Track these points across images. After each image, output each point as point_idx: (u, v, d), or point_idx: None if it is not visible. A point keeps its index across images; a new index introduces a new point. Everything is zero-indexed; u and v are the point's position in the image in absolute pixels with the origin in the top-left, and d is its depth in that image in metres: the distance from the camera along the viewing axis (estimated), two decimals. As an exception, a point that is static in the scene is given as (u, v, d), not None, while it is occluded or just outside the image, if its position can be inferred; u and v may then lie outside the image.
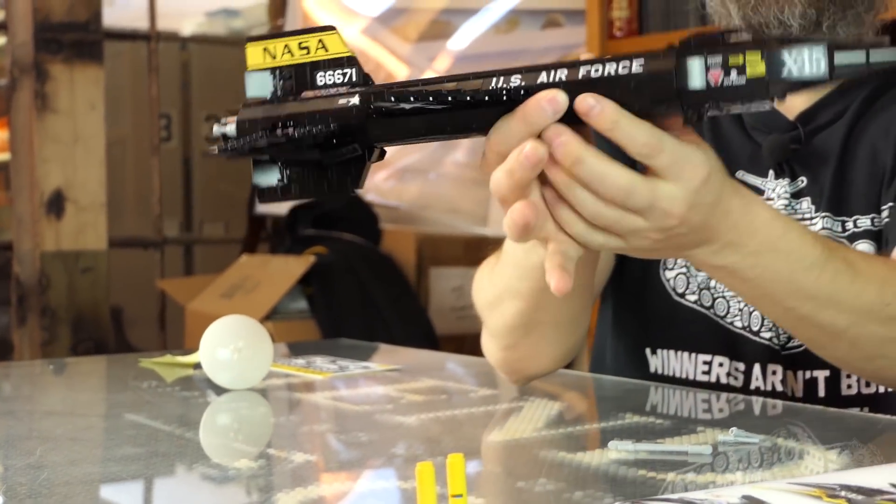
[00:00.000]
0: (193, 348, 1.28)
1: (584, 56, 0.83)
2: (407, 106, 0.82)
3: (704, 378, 1.25)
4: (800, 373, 1.21)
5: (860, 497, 0.69)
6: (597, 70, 0.80)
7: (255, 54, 0.89)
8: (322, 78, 0.89)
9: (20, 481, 0.81)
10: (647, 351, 1.30)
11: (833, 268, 0.97)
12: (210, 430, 1.05)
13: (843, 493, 0.69)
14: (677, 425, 1.00)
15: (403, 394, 1.18)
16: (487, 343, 1.22)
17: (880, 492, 0.70)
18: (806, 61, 0.75)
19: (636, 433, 0.96)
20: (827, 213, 1.22)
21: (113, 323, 3.99)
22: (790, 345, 1.21)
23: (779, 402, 1.16)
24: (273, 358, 1.24)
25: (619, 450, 0.89)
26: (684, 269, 1.26)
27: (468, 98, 0.82)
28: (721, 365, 1.24)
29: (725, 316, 1.24)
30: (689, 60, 0.78)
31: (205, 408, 1.14)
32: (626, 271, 1.32)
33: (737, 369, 1.23)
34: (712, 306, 1.25)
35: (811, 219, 1.22)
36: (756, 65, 0.76)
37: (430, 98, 0.81)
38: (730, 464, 0.85)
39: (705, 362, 1.25)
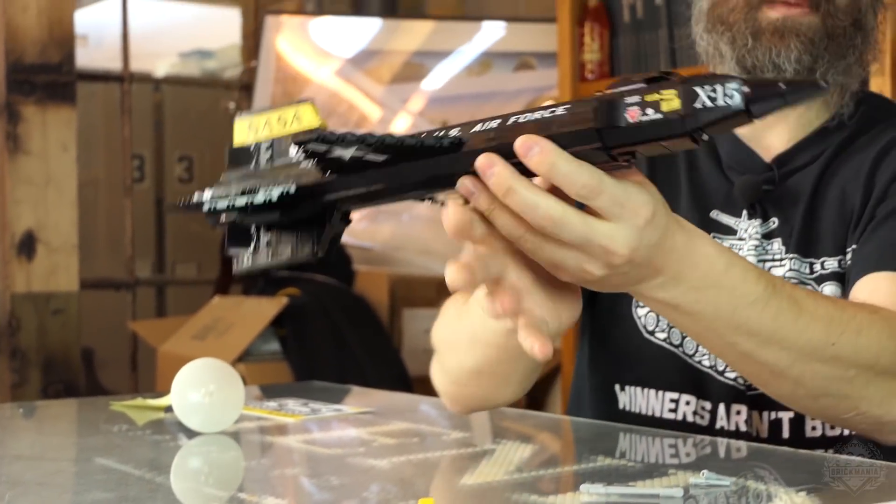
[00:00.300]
0: (165, 391, 1.28)
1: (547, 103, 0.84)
2: (344, 153, 0.82)
3: (671, 416, 1.25)
4: (765, 413, 1.21)
5: None
6: (525, 116, 0.81)
7: (241, 130, 0.91)
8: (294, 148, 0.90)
9: (-12, 527, 0.80)
10: (616, 387, 1.30)
11: (777, 305, 0.96)
12: (181, 473, 1.04)
13: None
14: (648, 468, 1.01)
15: (376, 437, 1.18)
16: (437, 374, 1.22)
17: None
18: (720, 96, 0.77)
19: (608, 476, 0.96)
20: (795, 255, 1.23)
21: (84, 365, 3.96)
22: (755, 385, 1.21)
23: (746, 444, 1.17)
24: (245, 401, 1.23)
25: (591, 493, 0.89)
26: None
27: (404, 146, 0.82)
28: (688, 403, 1.25)
29: (694, 354, 1.24)
30: (609, 101, 0.79)
31: (176, 451, 1.13)
32: (598, 307, 1.32)
33: (703, 408, 1.24)
34: (681, 344, 1.25)
35: (780, 260, 1.23)
36: (671, 101, 0.78)
37: (365, 142, 0.81)
38: (701, 506, 0.86)
39: (672, 400, 1.26)
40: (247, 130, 0.92)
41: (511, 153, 0.80)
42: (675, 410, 1.25)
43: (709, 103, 0.77)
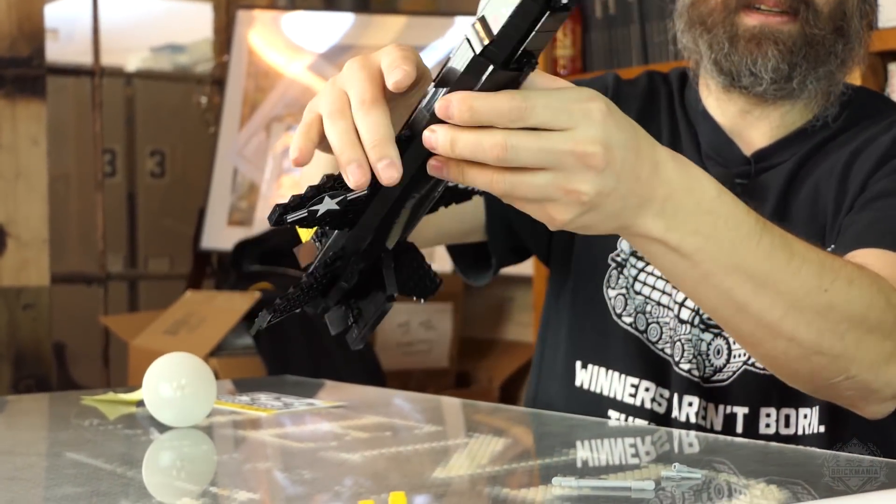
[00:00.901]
0: (137, 385, 1.27)
1: None
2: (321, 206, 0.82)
3: (630, 400, 1.26)
4: (720, 407, 1.21)
5: None
6: (432, 89, 0.81)
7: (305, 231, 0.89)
8: None
9: (-42, 522, 0.80)
10: (578, 364, 1.30)
11: (769, 241, 0.93)
12: (153, 468, 1.04)
13: None
14: (620, 461, 1.01)
15: (349, 430, 1.18)
16: None
17: None
18: None
19: (580, 469, 0.96)
20: None
21: (56, 359, 3.94)
22: (714, 378, 1.21)
23: (717, 438, 1.17)
24: (217, 395, 1.23)
25: (563, 486, 0.89)
26: (624, 291, 1.28)
27: None
28: (647, 390, 1.25)
29: (657, 342, 1.25)
30: (472, 24, 0.78)
31: (148, 445, 1.13)
32: (569, 286, 1.33)
33: (662, 395, 1.24)
34: (646, 331, 1.26)
35: None
36: None
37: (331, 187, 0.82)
38: (673, 499, 0.86)
39: (633, 385, 1.26)
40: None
41: (442, 122, 0.80)
42: (634, 395, 1.26)
43: None
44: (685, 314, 1.23)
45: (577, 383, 1.30)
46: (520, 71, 0.80)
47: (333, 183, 0.82)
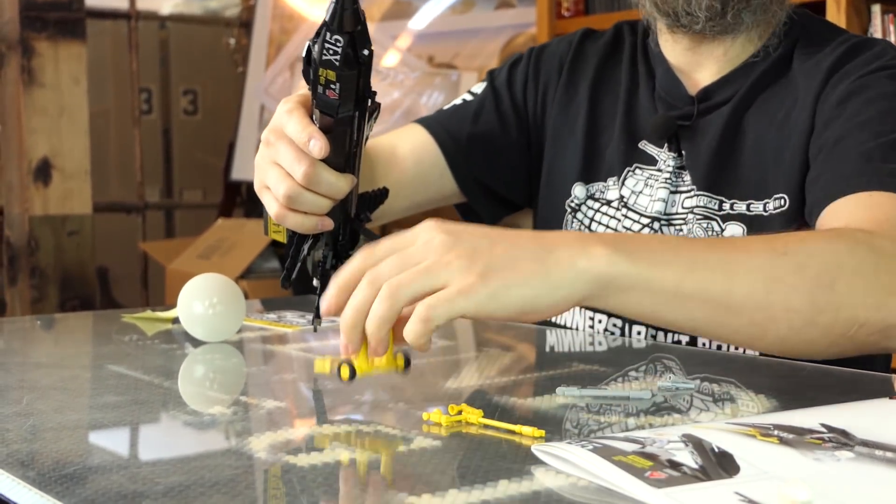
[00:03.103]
0: (173, 305, 1.27)
1: None
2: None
3: (590, 331, 1.26)
4: (669, 335, 1.21)
5: (791, 436, 0.69)
6: None
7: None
8: None
9: (7, 427, 0.80)
10: None
11: (703, 242, 0.87)
12: (187, 379, 1.03)
13: (775, 432, 0.69)
14: (620, 373, 1.00)
15: (368, 345, 1.17)
16: None
17: (811, 431, 0.70)
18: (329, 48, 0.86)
19: (582, 380, 0.96)
20: (703, 192, 1.20)
21: (99, 282, 3.96)
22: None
23: (714, 352, 1.17)
24: (246, 313, 1.22)
25: (566, 395, 0.89)
26: (584, 229, 1.26)
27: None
28: (601, 321, 1.25)
29: None
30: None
31: (182, 359, 1.13)
32: (537, 221, 1.34)
33: (615, 325, 1.24)
34: None
35: (689, 192, 1.21)
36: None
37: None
38: (668, 407, 0.85)
39: (590, 318, 1.26)
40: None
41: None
42: (592, 326, 1.26)
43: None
44: None
45: (551, 319, 1.30)
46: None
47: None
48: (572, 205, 1.29)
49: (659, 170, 1.24)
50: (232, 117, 4.19)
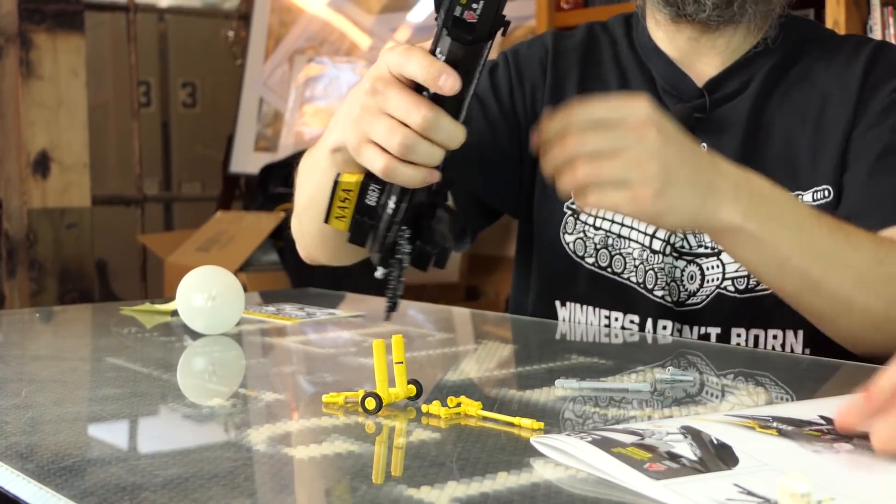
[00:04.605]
0: (172, 297, 1.27)
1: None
2: None
3: (606, 330, 1.26)
4: (694, 328, 1.20)
5: (790, 428, 0.69)
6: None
7: None
8: None
9: (6, 420, 0.80)
10: (557, 303, 1.30)
11: (826, 222, 0.97)
12: (186, 372, 1.03)
13: (774, 424, 0.69)
14: (618, 365, 1.00)
15: (366, 338, 1.18)
16: (294, 228, 1.27)
17: (810, 423, 0.70)
18: None
19: (581, 372, 0.96)
20: None
21: (98, 275, 3.95)
22: (687, 303, 1.20)
23: (712, 345, 1.17)
24: (245, 305, 1.22)
25: (565, 387, 0.89)
26: (581, 234, 1.26)
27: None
28: (617, 319, 1.24)
29: (622, 272, 1.23)
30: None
31: (181, 352, 1.13)
32: (531, 235, 1.32)
33: (632, 322, 1.23)
34: (609, 265, 1.24)
35: None
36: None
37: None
38: (667, 399, 0.86)
39: (605, 316, 1.26)
40: None
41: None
42: (608, 325, 1.25)
43: None
44: (657, 245, 1.21)
45: (561, 319, 1.30)
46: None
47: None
48: (573, 206, 1.28)
49: None
50: (231, 110, 4.19)
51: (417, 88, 0.87)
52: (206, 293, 1.17)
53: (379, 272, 0.94)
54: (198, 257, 3.20)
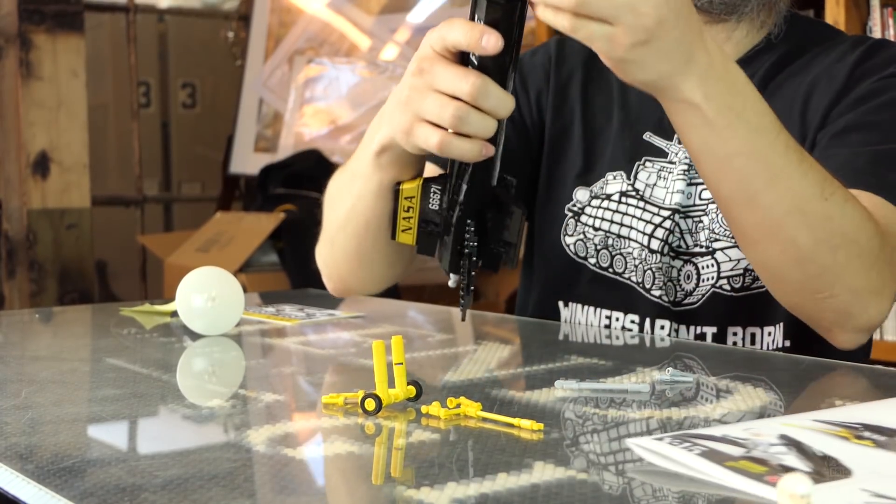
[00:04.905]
0: (172, 298, 1.27)
1: None
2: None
3: (606, 331, 1.26)
4: (691, 328, 1.20)
5: (883, 438, 0.69)
6: None
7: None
8: None
9: (6, 420, 0.80)
10: (560, 303, 1.30)
11: (785, 140, 0.93)
12: (186, 372, 1.03)
13: (866, 434, 0.69)
14: (618, 366, 1.00)
15: (366, 338, 1.17)
16: (322, 253, 1.24)
17: None
18: None
19: (580, 373, 0.96)
20: None
21: (98, 275, 3.95)
22: (684, 302, 1.20)
23: (710, 346, 1.17)
24: (245, 306, 1.22)
25: (565, 388, 0.89)
26: (581, 236, 1.26)
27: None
28: (618, 319, 1.24)
29: (623, 272, 1.24)
30: None
31: (181, 352, 1.13)
32: (533, 236, 1.32)
33: (632, 321, 1.23)
34: (610, 265, 1.24)
35: None
36: None
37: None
38: (667, 400, 0.85)
39: (606, 316, 1.26)
40: None
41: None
42: (608, 326, 1.25)
43: None
44: (655, 244, 1.21)
45: (563, 319, 1.30)
46: None
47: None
48: (574, 209, 1.28)
49: (671, 162, 1.23)
50: (230, 111, 4.19)
51: (462, 64, 0.88)
52: (206, 294, 1.17)
53: (451, 280, 0.94)
54: (197, 258, 3.20)
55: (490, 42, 0.85)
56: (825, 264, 0.97)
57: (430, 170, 1.09)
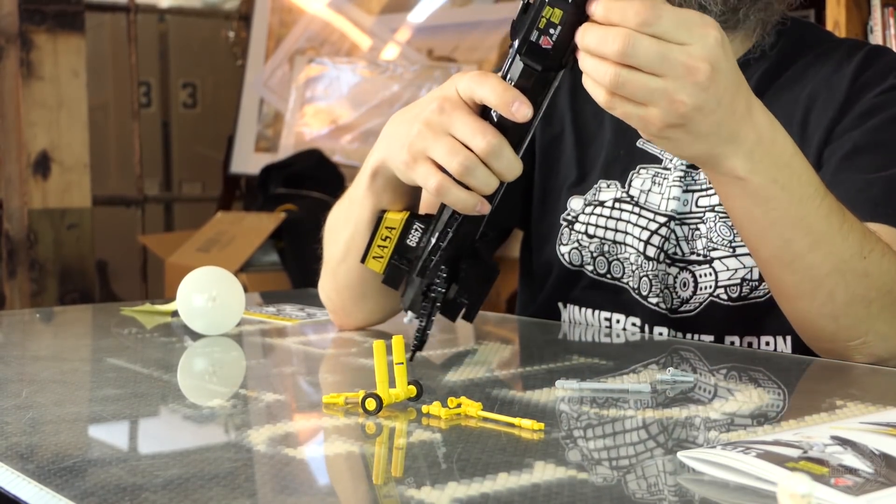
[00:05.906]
0: (172, 298, 1.27)
1: None
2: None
3: (606, 331, 1.25)
4: (688, 335, 1.20)
5: None
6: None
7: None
8: None
9: (7, 420, 0.80)
10: (560, 304, 1.30)
11: (828, 205, 0.94)
12: (187, 372, 1.03)
13: None
14: (619, 366, 1.00)
15: (367, 338, 1.17)
16: (332, 290, 1.21)
17: None
18: None
19: (581, 373, 0.96)
20: None
21: (99, 275, 3.95)
22: (681, 309, 1.20)
23: (710, 346, 1.17)
24: (245, 306, 1.22)
25: (566, 388, 0.89)
26: (576, 244, 1.26)
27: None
28: (618, 321, 1.24)
29: (622, 277, 1.23)
30: None
31: (182, 352, 1.13)
32: (529, 249, 1.32)
33: (633, 324, 1.23)
34: (608, 270, 1.24)
35: (707, 189, 1.20)
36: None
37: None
38: (667, 400, 0.85)
39: (606, 319, 1.25)
40: None
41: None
42: (609, 327, 1.25)
43: None
44: (651, 251, 1.21)
45: (564, 319, 1.30)
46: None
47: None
48: (568, 218, 1.28)
49: (666, 168, 1.23)
50: (231, 110, 4.19)
51: (483, 114, 0.88)
52: (207, 294, 1.17)
53: (407, 317, 0.96)
54: (198, 257, 3.20)
55: (521, 111, 0.86)
56: (860, 317, 0.99)
57: (427, 204, 1.08)
